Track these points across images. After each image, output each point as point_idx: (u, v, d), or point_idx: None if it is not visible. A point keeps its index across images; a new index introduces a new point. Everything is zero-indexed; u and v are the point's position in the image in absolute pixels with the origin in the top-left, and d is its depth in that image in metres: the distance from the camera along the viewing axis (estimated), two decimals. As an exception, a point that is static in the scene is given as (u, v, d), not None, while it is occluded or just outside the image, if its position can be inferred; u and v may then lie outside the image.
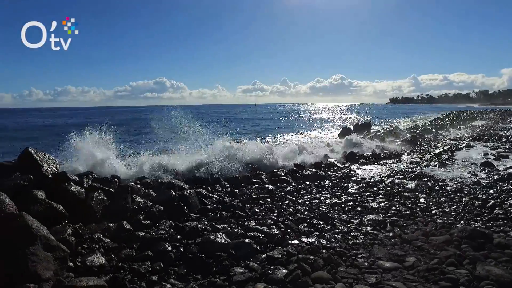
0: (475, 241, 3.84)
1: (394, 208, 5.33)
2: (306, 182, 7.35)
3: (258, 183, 6.98)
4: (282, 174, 7.84)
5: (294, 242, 3.98)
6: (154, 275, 3.32)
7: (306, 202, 5.76)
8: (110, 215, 4.73)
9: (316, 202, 5.78)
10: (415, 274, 3.25)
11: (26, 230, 3.10)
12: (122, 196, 5.11)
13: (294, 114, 59.59)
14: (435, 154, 10.56)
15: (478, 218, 4.81)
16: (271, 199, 5.84)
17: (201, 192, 5.88)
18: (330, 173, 8.34)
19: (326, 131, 25.10)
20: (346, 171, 8.43)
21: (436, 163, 9.10)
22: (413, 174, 7.72)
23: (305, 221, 4.74)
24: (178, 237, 4.15)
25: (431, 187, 6.56)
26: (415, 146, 13.21)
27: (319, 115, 55.01)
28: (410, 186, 6.67)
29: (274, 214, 5.06)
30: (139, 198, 5.36)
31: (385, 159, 10.29)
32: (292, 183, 7.08)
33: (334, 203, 5.67)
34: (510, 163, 8.70)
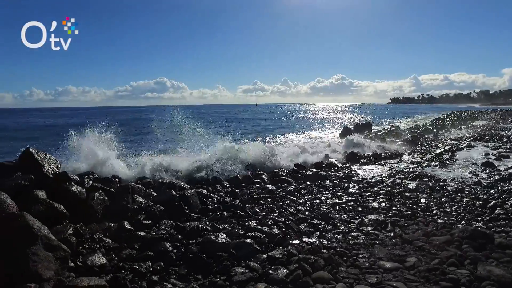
0: (476, 241, 3.83)
1: (395, 208, 5.33)
2: (307, 182, 7.34)
3: (259, 183, 6.98)
4: (282, 174, 7.83)
5: (295, 242, 3.98)
6: (155, 275, 3.32)
7: (307, 202, 5.75)
8: (111, 215, 4.74)
9: (316, 202, 5.78)
10: (416, 274, 3.24)
11: (27, 230, 3.11)
12: (123, 196, 5.12)
13: (294, 114, 59.56)
14: (436, 154, 10.55)
15: (479, 218, 4.80)
16: (272, 199, 5.84)
17: (201, 192, 5.89)
18: (330, 173, 8.34)
19: (327, 131, 25.10)
20: (347, 171, 8.43)
21: (437, 163, 9.08)
22: (414, 174, 7.72)
23: (305, 221, 4.74)
24: (179, 237, 4.16)
25: (432, 187, 6.55)
26: (416, 146, 13.20)
27: (320, 115, 54.98)
28: (411, 186, 6.65)
29: (275, 214, 5.06)
30: (140, 198, 5.36)
31: (385, 159, 10.28)
32: (292, 183, 7.08)
33: (334, 203, 5.67)
34: (511, 163, 8.69)
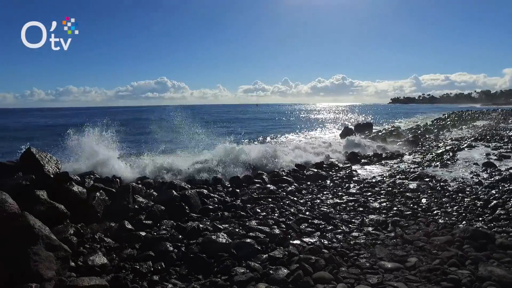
0: (477, 241, 3.82)
1: (395, 208, 5.32)
2: (308, 182, 7.33)
3: (260, 183, 6.98)
4: (283, 174, 7.83)
5: (296, 242, 3.98)
6: (156, 275, 3.32)
7: (308, 202, 5.75)
8: (112, 215, 4.74)
9: (317, 202, 5.78)
10: (417, 275, 3.24)
11: (28, 230, 3.11)
12: (124, 196, 5.12)
13: (295, 114, 59.55)
14: (437, 154, 10.53)
15: (480, 219, 4.79)
16: (273, 199, 5.83)
17: (202, 192, 5.88)
18: (331, 173, 8.33)
19: (327, 131, 25.08)
20: (348, 171, 8.42)
21: (437, 163, 9.06)
22: (414, 174, 7.71)
23: (306, 221, 4.74)
24: (180, 237, 4.16)
25: (433, 187, 6.54)
26: (417, 146, 13.19)
27: (320, 115, 54.94)
28: (411, 186, 6.64)
29: (276, 214, 5.06)
30: (141, 198, 5.36)
31: (386, 159, 10.27)
32: (293, 183, 7.08)
33: (335, 203, 5.67)
34: (512, 163, 8.67)
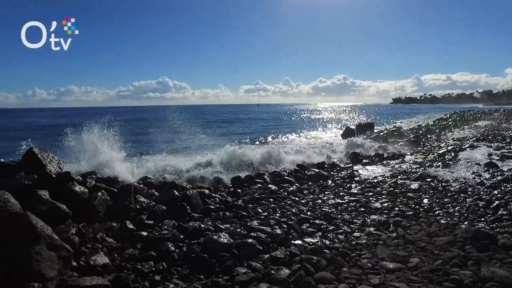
0: (479, 242, 3.80)
1: (397, 208, 5.31)
2: (309, 182, 7.32)
3: (261, 183, 6.97)
4: (284, 174, 7.82)
5: (297, 242, 3.98)
6: (157, 275, 3.32)
7: (309, 202, 5.74)
8: (113, 215, 4.75)
9: (319, 202, 5.77)
10: (419, 275, 3.23)
11: (30, 230, 3.12)
12: (125, 196, 5.13)
13: (296, 114, 59.51)
14: (439, 155, 10.50)
15: (482, 219, 4.77)
16: (274, 199, 5.83)
17: (203, 192, 5.88)
18: (333, 173, 8.32)
19: (329, 131, 25.08)
20: (349, 172, 8.41)
21: (439, 164, 9.04)
22: (416, 174, 7.69)
23: (308, 221, 4.73)
24: (181, 237, 4.16)
25: (435, 188, 6.53)
26: (418, 146, 13.16)
27: (322, 115, 54.89)
28: (413, 187, 6.63)
29: (277, 214, 5.05)
30: (142, 198, 5.38)
31: (388, 160, 10.25)
32: (295, 183, 7.07)
33: (337, 204, 5.66)
34: (514, 164, 8.63)
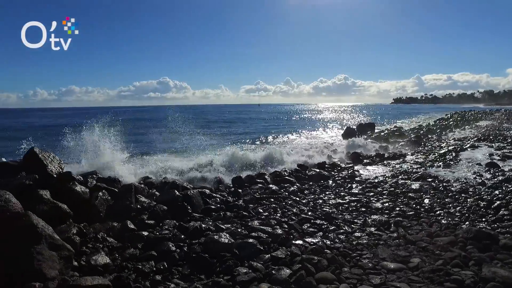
0: (481, 242, 3.80)
1: (398, 208, 5.31)
2: (310, 182, 7.33)
3: (262, 183, 6.97)
4: (285, 174, 7.82)
5: (298, 242, 3.98)
6: (158, 275, 3.33)
7: (310, 203, 5.74)
8: (114, 215, 4.76)
9: (319, 202, 5.77)
10: (420, 275, 3.23)
11: (31, 229, 3.13)
12: (126, 195, 5.14)
13: (297, 114, 59.47)
14: (440, 155, 10.48)
15: (484, 219, 4.76)
16: (275, 199, 5.83)
17: (204, 192, 5.88)
18: (333, 173, 8.32)
19: (330, 131, 25.05)
20: (350, 172, 8.41)
21: (440, 164, 9.03)
22: (417, 174, 7.68)
23: (308, 221, 4.73)
24: (182, 237, 4.16)
25: (436, 188, 6.52)
26: (419, 146, 13.14)
27: (323, 115, 54.85)
28: (414, 187, 6.62)
29: (278, 214, 5.05)
30: (143, 198, 5.38)
31: (389, 160, 10.24)
32: (295, 183, 7.07)
33: (338, 204, 5.66)
34: (515, 164, 8.61)
